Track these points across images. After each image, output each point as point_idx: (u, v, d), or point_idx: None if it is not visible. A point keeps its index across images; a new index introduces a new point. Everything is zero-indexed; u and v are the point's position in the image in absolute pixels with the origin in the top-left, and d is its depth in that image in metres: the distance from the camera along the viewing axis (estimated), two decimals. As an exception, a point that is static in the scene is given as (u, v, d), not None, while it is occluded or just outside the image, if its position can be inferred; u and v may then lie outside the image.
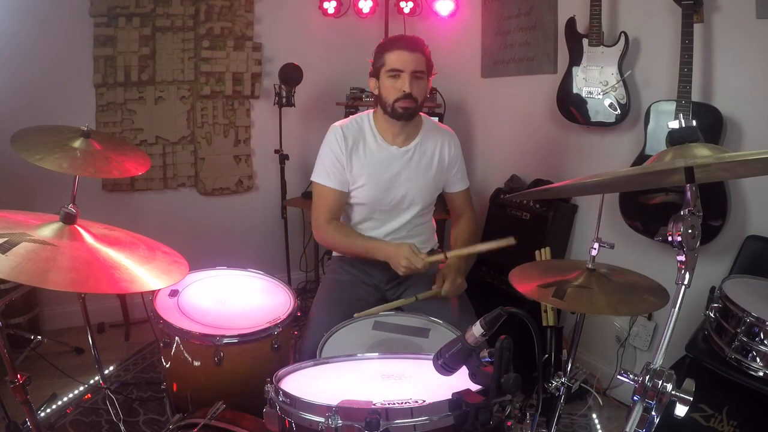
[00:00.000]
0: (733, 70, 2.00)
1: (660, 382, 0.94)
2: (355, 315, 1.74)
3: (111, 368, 2.57)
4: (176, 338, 1.63)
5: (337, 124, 1.99)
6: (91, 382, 2.36)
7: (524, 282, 1.52)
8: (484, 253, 1.74)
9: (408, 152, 1.99)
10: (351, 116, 2.04)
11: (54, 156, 1.74)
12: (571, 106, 2.47)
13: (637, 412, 0.96)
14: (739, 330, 1.54)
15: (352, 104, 3.22)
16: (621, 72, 2.27)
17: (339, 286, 1.99)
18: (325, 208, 1.95)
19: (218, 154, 3.27)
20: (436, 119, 2.20)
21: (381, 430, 0.97)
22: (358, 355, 1.41)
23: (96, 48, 2.84)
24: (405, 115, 1.89)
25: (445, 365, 1.07)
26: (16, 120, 1.96)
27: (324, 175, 1.95)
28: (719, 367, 1.59)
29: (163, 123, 3.09)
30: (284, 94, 3.04)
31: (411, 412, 1.00)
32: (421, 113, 2.07)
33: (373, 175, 1.95)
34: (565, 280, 1.50)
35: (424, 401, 1.06)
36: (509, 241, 1.72)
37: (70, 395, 2.28)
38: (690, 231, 0.96)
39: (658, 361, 0.96)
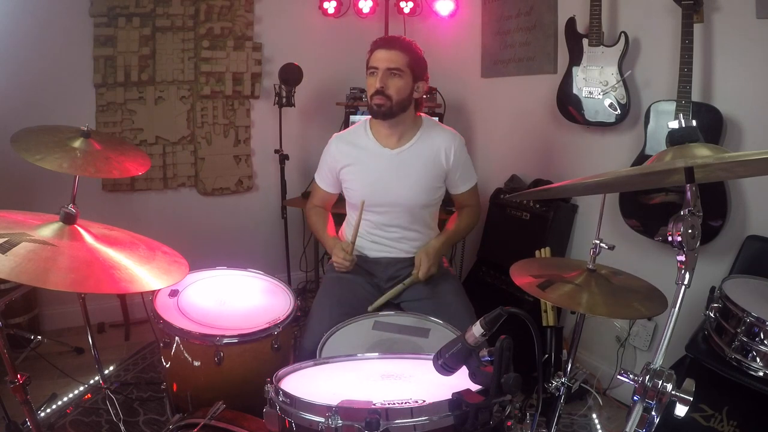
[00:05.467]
0: (733, 70, 2.00)
1: (660, 382, 0.94)
2: (369, 309, 1.89)
3: (111, 368, 2.57)
4: (176, 338, 1.63)
5: (338, 133, 2.14)
6: (91, 382, 2.36)
7: (522, 275, 1.53)
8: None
9: (400, 154, 2.00)
10: (353, 125, 2.16)
11: (54, 156, 1.75)
12: (571, 106, 2.47)
13: (637, 412, 0.96)
14: (739, 330, 1.54)
15: (352, 104, 3.22)
16: (621, 72, 2.27)
17: (339, 285, 1.99)
18: (316, 199, 2.22)
19: (218, 154, 3.27)
20: (435, 119, 2.20)
21: (381, 430, 0.97)
22: (358, 355, 1.41)
23: (96, 48, 2.84)
24: (379, 113, 1.92)
25: (445, 365, 1.07)
26: (16, 120, 1.96)
27: (319, 176, 2.18)
28: (719, 367, 1.59)
29: (163, 123, 3.09)
30: (284, 94, 3.04)
31: (411, 412, 1.00)
32: (422, 114, 2.07)
33: (363, 177, 2.02)
34: (561, 277, 1.50)
35: (424, 401, 1.06)
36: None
37: (70, 395, 2.28)
38: (690, 231, 0.96)
39: (658, 361, 0.96)
